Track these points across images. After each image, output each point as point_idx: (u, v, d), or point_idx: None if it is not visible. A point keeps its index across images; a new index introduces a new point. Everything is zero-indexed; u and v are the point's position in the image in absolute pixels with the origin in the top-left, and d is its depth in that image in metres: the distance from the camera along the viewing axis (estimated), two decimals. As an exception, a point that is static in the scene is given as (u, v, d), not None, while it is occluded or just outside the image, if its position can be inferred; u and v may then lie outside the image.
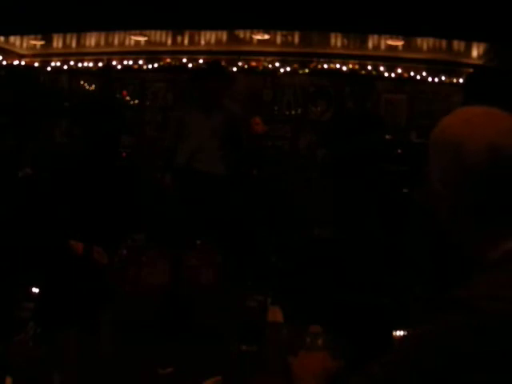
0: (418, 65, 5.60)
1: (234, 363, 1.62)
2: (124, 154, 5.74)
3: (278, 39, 5.57)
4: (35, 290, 2.29)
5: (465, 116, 1.01)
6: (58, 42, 6.01)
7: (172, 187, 4.21)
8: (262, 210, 4.97)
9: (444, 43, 5.12)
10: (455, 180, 0.97)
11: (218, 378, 1.41)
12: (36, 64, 6.27)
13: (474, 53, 5.26)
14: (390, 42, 5.25)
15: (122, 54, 6.08)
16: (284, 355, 1.40)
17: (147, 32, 5.50)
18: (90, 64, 6.13)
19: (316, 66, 5.75)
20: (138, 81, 6.13)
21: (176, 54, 5.99)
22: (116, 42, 5.91)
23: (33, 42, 6.02)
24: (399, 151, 5.07)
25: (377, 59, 5.63)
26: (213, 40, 5.67)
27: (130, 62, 6.08)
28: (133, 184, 5.12)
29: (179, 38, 5.72)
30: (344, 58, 5.70)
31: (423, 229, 3.83)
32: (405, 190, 4.68)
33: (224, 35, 5.50)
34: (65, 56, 6.18)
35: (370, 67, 5.62)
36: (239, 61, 5.80)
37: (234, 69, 5.75)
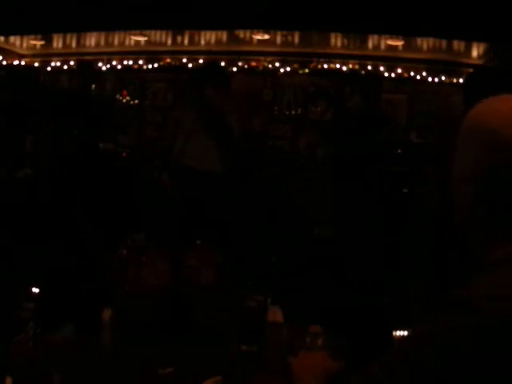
0: (418, 65, 5.60)
1: (234, 363, 1.62)
2: (124, 154, 5.74)
3: (278, 39, 5.57)
4: (35, 289, 2.29)
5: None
6: (58, 42, 6.01)
7: (170, 187, 4.21)
8: (262, 209, 4.97)
9: (444, 43, 5.12)
10: (486, 170, 0.94)
11: (217, 378, 1.41)
12: (36, 64, 6.27)
13: (474, 53, 5.26)
14: (390, 42, 5.25)
15: (122, 54, 6.08)
16: (284, 355, 1.40)
17: (147, 32, 5.50)
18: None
19: (316, 66, 5.75)
20: (137, 81, 6.13)
21: (176, 53, 5.99)
22: (116, 41, 5.91)
23: (33, 42, 6.02)
24: (399, 151, 5.07)
25: (377, 59, 5.63)
26: (213, 40, 5.67)
27: (130, 62, 6.08)
28: (133, 184, 5.13)
29: (179, 38, 5.72)
30: (344, 58, 5.69)
31: (423, 229, 3.83)
32: (405, 190, 4.68)
33: (224, 35, 5.50)
34: (65, 56, 6.18)
35: (370, 67, 5.62)
36: (239, 61, 5.80)
37: (234, 69, 5.75)
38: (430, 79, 5.58)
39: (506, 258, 0.91)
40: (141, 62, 6.07)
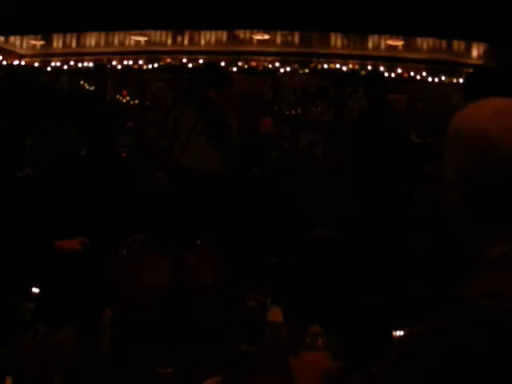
0: (418, 65, 5.60)
1: (234, 363, 1.62)
2: (124, 154, 5.74)
3: (278, 39, 5.57)
4: (35, 289, 2.29)
5: (494, 109, 0.97)
6: (58, 42, 6.01)
7: (166, 186, 4.21)
8: (262, 210, 4.96)
9: (444, 43, 5.12)
10: (471, 173, 0.96)
11: (217, 378, 1.41)
12: (36, 64, 6.27)
13: (474, 53, 5.26)
14: (390, 42, 5.25)
15: (122, 54, 6.08)
16: (284, 355, 1.40)
17: (147, 32, 5.50)
18: (90, 64, 6.13)
19: (316, 66, 5.75)
20: (138, 81, 6.13)
21: (176, 53, 5.99)
22: (116, 41, 5.91)
23: (33, 42, 6.02)
24: (399, 151, 5.05)
25: (377, 59, 5.63)
26: (213, 40, 5.67)
27: (130, 62, 6.08)
28: (133, 184, 5.12)
29: (179, 38, 5.72)
30: (344, 58, 5.69)
31: (423, 229, 3.83)
32: (405, 190, 4.68)
33: (224, 35, 5.50)
34: (65, 56, 6.18)
35: (369, 67, 5.62)
36: (239, 61, 5.80)
37: (234, 69, 5.75)
38: (430, 79, 5.58)
39: (505, 256, 0.91)
40: (141, 61, 6.07)
